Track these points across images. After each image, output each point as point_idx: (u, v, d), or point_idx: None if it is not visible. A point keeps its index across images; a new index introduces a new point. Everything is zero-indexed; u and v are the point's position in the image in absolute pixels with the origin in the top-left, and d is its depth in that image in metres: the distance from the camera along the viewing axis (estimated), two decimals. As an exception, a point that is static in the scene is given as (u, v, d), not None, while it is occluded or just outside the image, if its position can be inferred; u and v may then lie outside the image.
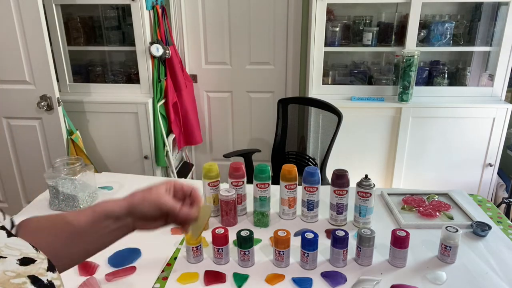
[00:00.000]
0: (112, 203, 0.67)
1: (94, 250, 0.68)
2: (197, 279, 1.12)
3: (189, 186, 0.74)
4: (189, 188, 0.74)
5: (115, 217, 0.67)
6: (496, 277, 1.11)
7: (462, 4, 2.62)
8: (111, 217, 0.66)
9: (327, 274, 1.13)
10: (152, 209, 0.68)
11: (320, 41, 2.51)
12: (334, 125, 2.14)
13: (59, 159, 1.50)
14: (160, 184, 0.72)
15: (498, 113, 2.46)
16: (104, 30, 2.73)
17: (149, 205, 0.68)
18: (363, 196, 1.31)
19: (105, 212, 0.66)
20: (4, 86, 2.25)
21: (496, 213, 1.47)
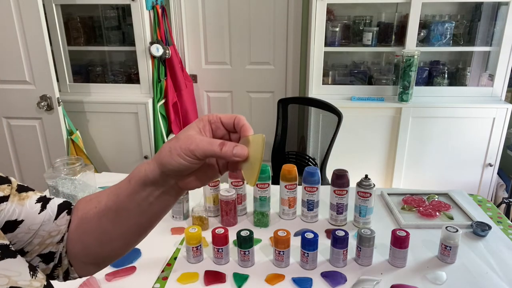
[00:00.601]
0: (145, 166, 0.53)
1: (147, 222, 0.58)
2: (197, 279, 1.12)
3: (230, 116, 0.54)
4: (230, 118, 0.54)
5: (152, 183, 0.53)
6: (496, 277, 1.11)
7: (462, 4, 2.62)
8: (148, 184, 0.53)
9: (327, 274, 1.13)
10: (186, 160, 0.50)
11: (320, 41, 2.51)
12: (334, 125, 2.14)
13: (59, 159, 1.50)
14: (190, 125, 0.54)
15: (498, 113, 2.46)
16: (104, 30, 2.73)
17: (180, 155, 0.49)
18: (363, 196, 1.31)
19: (140, 180, 0.53)
20: (4, 86, 2.25)
21: (496, 213, 1.47)
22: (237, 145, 0.50)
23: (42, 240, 0.56)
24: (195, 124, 0.53)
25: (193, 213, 1.34)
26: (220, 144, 0.49)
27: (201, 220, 1.33)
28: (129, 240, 0.59)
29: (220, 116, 0.54)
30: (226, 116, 0.54)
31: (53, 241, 0.57)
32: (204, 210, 1.34)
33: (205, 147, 0.49)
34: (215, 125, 0.54)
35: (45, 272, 0.57)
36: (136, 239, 0.60)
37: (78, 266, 0.60)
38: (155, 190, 0.54)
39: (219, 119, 0.54)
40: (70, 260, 0.59)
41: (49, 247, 0.57)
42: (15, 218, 0.53)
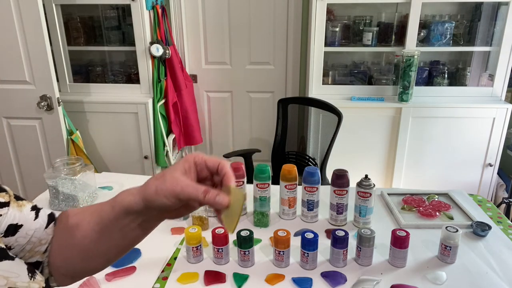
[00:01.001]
0: (129, 197, 0.55)
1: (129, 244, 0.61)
2: (197, 279, 1.12)
3: (215, 161, 0.57)
4: (215, 163, 0.57)
5: (135, 212, 0.56)
6: (496, 277, 1.11)
7: (462, 4, 2.62)
8: (131, 213, 0.56)
9: (327, 274, 1.13)
10: (170, 200, 0.53)
11: (320, 41, 2.51)
12: (334, 125, 2.14)
13: (59, 159, 1.51)
14: (176, 165, 0.56)
15: (498, 113, 2.46)
16: (104, 30, 2.73)
17: (165, 196, 0.53)
18: (363, 196, 1.31)
19: (123, 208, 0.56)
20: (4, 86, 2.25)
21: (496, 213, 1.47)
22: (219, 194, 0.54)
23: (32, 247, 0.57)
24: (181, 164, 0.56)
25: (193, 213, 1.34)
26: (204, 192, 0.53)
27: (201, 220, 1.33)
28: (110, 258, 0.61)
29: (205, 159, 0.57)
30: (211, 160, 0.57)
31: (40, 250, 0.58)
32: (204, 210, 1.34)
33: (189, 192, 0.53)
34: (200, 166, 0.57)
35: None
36: (117, 258, 0.62)
37: (57, 277, 0.61)
38: (137, 218, 0.57)
39: (204, 162, 0.57)
40: (51, 271, 0.60)
41: (36, 256, 0.58)
42: (16, 222, 0.54)
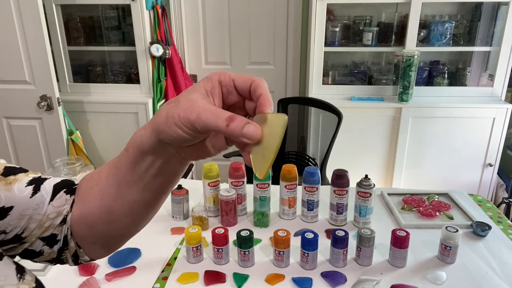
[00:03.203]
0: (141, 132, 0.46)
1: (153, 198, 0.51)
2: (197, 279, 1.12)
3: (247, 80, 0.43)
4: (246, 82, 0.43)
5: (151, 151, 0.45)
6: (496, 277, 1.11)
7: (462, 4, 2.62)
8: (147, 153, 0.46)
9: (327, 274, 1.13)
10: (184, 132, 0.41)
11: (320, 41, 2.51)
12: (334, 125, 2.14)
13: (59, 159, 1.51)
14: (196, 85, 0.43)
15: (498, 113, 2.46)
16: (104, 30, 2.73)
17: (177, 127, 0.41)
18: (363, 196, 1.31)
19: (137, 149, 0.46)
20: (4, 86, 2.25)
21: (496, 213, 1.47)
22: (249, 123, 0.40)
23: (40, 224, 0.52)
24: (201, 84, 0.43)
25: (193, 213, 1.34)
26: (228, 119, 0.39)
27: (201, 220, 1.33)
28: (137, 218, 0.53)
29: (233, 78, 0.43)
30: (242, 78, 0.43)
31: (54, 223, 0.52)
32: (204, 210, 1.34)
33: (208, 119, 0.39)
34: (226, 88, 0.43)
35: (51, 256, 0.55)
36: (144, 217, 0.54)
37: (87, 248, 0.56)
38: (155, 160, 0.46)
39: (232, 82, 0.43)
40: (78, 242, 0.55)
41: (50, 229, 0.52)
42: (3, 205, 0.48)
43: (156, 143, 0.44)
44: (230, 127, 0.39)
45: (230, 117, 0.39)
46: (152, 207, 0.53)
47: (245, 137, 0.40)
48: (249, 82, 0.43)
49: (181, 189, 1.41)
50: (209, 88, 0.43)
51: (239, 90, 0.43)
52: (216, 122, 0.39)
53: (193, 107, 0.40)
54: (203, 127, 0.40)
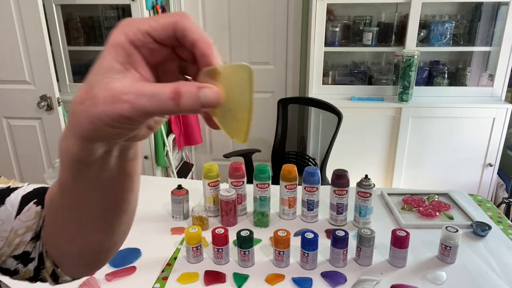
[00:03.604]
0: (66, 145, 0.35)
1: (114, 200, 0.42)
2: (197, 279, 1.12)
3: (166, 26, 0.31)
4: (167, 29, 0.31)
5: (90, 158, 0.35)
6: (496, 277, 1.11)
7: (462, 4, 2.62)
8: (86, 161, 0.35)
9: (327, 274, 1.13)
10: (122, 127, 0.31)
11: (320, 41, 2.51)
12: (334, 125, 2.14)
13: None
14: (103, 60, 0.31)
15: (498, 113, 2.46)
16: (104, 30, 2.73)
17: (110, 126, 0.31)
18: (363, 196, 1.31)
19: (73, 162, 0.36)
20: (4, 86, 2.25)
21: (496, 213, 1.47)
22: (201, 87, 0.30)
23: (8, 242, 0.46)
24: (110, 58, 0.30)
25: (193, 213, 1.34)
26: (173, 95, 0.29)
27: (201, 220, 1.33)
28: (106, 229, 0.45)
29: (147, 30, 0.31)
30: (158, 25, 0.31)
31: (24, 239, 0.46)
32: (204, 210, 1.34)
33: (147, 106, 0.29)
34: (145, 47, 0.32)
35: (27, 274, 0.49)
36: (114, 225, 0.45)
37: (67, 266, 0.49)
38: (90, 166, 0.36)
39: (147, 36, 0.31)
40: (55, 261, 0.48)
41: (21, 246, 0.47)
42: None
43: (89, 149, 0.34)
44: (181, 105, 0.30)
45: (175, 92, 0.29)
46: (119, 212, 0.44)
47: (204, 107, 0.30)
48: (171, 28, 0.31)
49: (181, 189, 1.41)
50: (123, 59, 0.31)
51: (162, 42, 0.32)
52: (160, 105, 0.30)
53: (119, 97, 0.29)
54: (143, 116, 0.31)
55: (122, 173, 0.40)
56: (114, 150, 0.36)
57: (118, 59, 0.30)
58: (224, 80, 0.31)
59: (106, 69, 0.30)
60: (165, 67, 0.34)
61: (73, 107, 0.32)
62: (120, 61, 0.31)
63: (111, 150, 0.36)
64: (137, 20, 0.31)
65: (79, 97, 0.31)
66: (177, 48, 0.33)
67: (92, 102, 0.30)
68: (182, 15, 0.31)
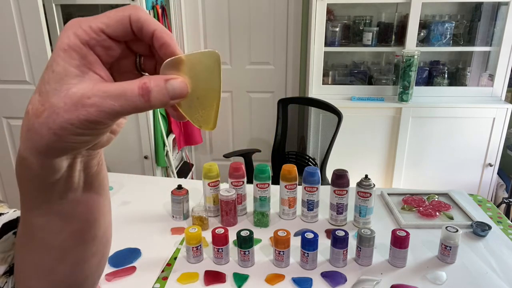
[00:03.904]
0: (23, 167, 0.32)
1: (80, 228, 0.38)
2: (197, 279, 1.12)
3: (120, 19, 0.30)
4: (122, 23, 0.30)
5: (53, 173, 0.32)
6: (496, 277, 1.11)
7: (462, 4, 2.62)
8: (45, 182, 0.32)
9: (327, 274, 1.13)
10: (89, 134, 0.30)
11: (320, 41, 2.51)
12: (334, 125, 2.14)
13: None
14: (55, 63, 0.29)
15: (498, 113, 2.46)
16: (104, 30, 2.73)
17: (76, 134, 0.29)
18: (363, 196, 1.31)
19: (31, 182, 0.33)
20: (4, 86, 2.25)
21: (496, 213, 1.47)
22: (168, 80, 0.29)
23: None
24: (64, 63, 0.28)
25: (193, 213, 1.34)
26: (142, 91, 0.28)
27: (201, 220, 1.33)
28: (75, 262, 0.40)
29: (100, 27, 0.29)
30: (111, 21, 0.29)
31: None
32: (204, 210, 1.34)
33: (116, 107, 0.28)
34: (99, 46, 0.30)
35: None
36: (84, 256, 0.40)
37: None
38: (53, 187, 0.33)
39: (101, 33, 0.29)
40: None
41: None
42: None
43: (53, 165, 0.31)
44: (152, 100, 0.29)
45: (143, 88, 0.28)
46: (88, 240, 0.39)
47: (173, 100, 0.30)
48: (126, 22, 0.29)
49: (181, 189, 1.41)
50: (78, 62, 0.29)
51: (116, 38, 0.30)
52: (129, 104, 0.28)
53: (83, 101, 0.28)
54: (112, 118, 0.29)
55: (88, 190, 0.36)
56: (77, 164, 0.33)
57: (72, 62, 0.28)
58: (189, 68, 0.31)
59: (61, 75, 0.28)
60: (120, 65, 0.33)
61: (27, 122, 0.29)
62: (75, 64, 0.28)
63: (74, 164, 0.33)
64: (86, 18, 0.29)
65: (34, 110, 0.28)
66: (132, 43, 0.32)
67: (52, 112, 0.28)
68: (135, 8, 0.30)
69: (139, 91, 0.28)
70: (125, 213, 1.45)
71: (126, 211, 1.47)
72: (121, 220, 1.40)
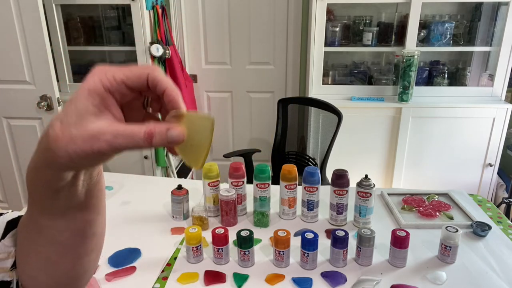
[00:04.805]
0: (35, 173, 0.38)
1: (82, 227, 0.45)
2: (197, 279, 1.12)
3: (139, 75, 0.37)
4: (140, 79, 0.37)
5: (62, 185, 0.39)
6: (496, 277, 1.11)
7: (462, 4, 2.62)
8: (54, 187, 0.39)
9: (327, 274, 1.13)
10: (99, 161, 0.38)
11: (320, 41, 2.51)
12: (334, 125, 2.14)
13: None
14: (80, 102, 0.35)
15: (498, 113, 2.46)
16: (104, 30, 2.73)
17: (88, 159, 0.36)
18: (363, 196, 1.31)
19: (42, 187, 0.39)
20: (4, 86, 2.25)
21: (496, 213, 1.47)
22: (169, 128, 0.35)
23: None
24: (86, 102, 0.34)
25: (193, 213, 1.34)
26: (147, 135, 0.35)
27: (201, 220, 1.33)
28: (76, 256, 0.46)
29: (122, 79, 0.36)
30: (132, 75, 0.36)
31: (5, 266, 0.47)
32: (204, 210, 1.34)
33: (123, 144, 0.34)
34: (118, 93, 0.36)
35: None
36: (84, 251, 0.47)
37: None
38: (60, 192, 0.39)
39: (122, 84, 0.36)
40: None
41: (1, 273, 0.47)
42: None
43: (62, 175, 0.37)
44: (153, 143, 0.35)
45: (148, 133, 0.35)
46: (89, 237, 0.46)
47: (171, 145, 0.37)
48: (144, 78, 0.36)
49: (181, 189, 1.41)
50: (98, 102, 0.35)
51: (134, 88, 0.37)
52: (134, 144, 0.35)
53: (98, 136, 0.34)
54: (118, 152, 0.36)
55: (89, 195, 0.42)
56: (81, 175, 0.40)
57: (93, 102, 0.35)
58: (188, 122, 0.38)
59: (83, 111, 0.34)
60: (132, 104, 0.40)
61: (46, 142, 0.35)
62: (96, 104, 0.35)
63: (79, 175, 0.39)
64: (112, 68, 0.36)
65: (54, 134, 0.34)
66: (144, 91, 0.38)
67: (70, 140, 0.34)
68: (154, 68, 0.37)
69: (144, 135, 0.35)
70: (125, 213, 1.45)
71: (126, 211, 1.47)
72: (121, 220, 1.40)
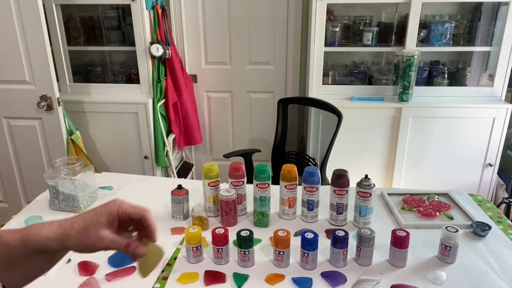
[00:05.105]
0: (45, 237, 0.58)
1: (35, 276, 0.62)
2: (197, 279, 1.12)
3: (138, 213, 0.64)
4: (138, 215, 0.64)
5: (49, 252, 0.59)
6: (496, 277, 1.11)
7: (462, 4, 2.62)
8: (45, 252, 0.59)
9: (327, 274, 1.13)
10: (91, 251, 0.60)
11: (320, 41, 2.51)
12: (334, 125, 2.14)
13: (59, 159, 1.50)
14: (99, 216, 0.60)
15: (498, 113, 2.46)
16: (104, 30, 2.73)
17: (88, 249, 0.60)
18: (363, 196, 1.31)
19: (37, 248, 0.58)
20: (4, 86, 2.25)
21: (496, 213, 1.47)
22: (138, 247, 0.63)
23: None
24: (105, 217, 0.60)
25: (193, 213, 1.34)
26: (126, 246, 0.62)
27: (201, 220, 1.33)
28: None
29: (129, 212, 0.63)
30: (134, 212, 0.63)
31: None
32: (204, 210, 1.34)
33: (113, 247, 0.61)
34: (122, 219, 0.63)
35: None
36: None
37: None
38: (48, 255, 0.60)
39: (127, 215, 0.63)
40: None
41: None
42: None
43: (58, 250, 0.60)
44: (128, 250, 0.62)
45: (127, 245, 0.62)
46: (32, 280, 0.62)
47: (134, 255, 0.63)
48: (140, 216, 0.64)
49: (181, 189, 1.41)
50: (109, 220, 0.61)
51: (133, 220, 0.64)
52: (118, 248, 0.61)
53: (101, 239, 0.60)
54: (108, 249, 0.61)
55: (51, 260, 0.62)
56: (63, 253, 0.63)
57: (107, 219, 0.61)
58: (151, 248, 0.66)
59: (98, 222, 0.60)
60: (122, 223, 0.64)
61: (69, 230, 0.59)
62: (108, 220, 0.61)
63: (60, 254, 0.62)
64: (125, 203, 0.64)
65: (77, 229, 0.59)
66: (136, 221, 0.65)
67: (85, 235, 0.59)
68: (148, 212, 0.65)
69: (126, 245, 0.62)
70: (125, 213, 1.45)
71: (126, 211, 1.46)
72: (121, 220, 1.40)
